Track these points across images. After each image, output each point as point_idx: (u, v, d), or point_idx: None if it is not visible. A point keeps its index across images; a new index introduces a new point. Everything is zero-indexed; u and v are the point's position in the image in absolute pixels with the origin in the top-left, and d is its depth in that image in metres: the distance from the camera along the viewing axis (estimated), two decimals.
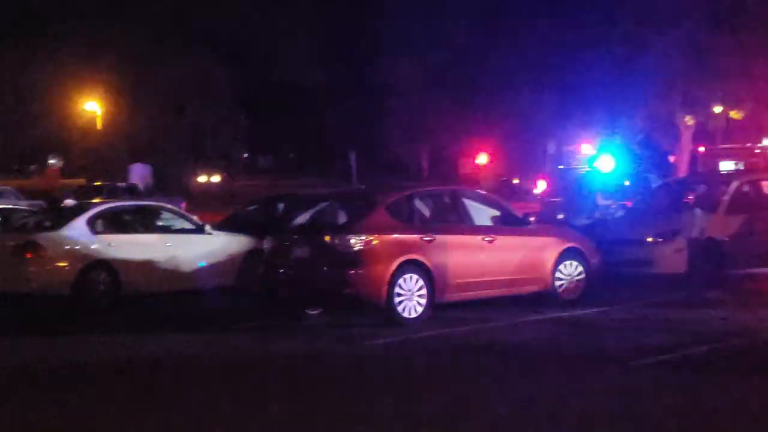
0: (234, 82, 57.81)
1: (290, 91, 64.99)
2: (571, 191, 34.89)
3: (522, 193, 51.79)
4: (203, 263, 17.01)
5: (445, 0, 60.11)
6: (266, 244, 14.73)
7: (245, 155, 64.75)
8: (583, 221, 32.68)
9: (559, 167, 48.23)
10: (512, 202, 46.92)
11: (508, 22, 57.07)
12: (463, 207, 14.76)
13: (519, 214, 15.56)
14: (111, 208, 17.46)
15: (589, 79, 52.09)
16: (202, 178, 61.33)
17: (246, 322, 14.39)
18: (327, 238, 13.64)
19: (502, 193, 55.23)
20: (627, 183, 35.71)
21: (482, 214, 14.94)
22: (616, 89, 51.34)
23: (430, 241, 13.94)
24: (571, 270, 15.24)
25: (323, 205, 14.76)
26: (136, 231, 16.91)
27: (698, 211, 16.50)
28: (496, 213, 15.10)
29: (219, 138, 56.44)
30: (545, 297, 15.01)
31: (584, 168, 40.22)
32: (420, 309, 13.67)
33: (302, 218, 14.60)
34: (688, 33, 49.83)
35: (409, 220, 14.19)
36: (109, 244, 16.27)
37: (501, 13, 57.22)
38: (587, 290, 15.40)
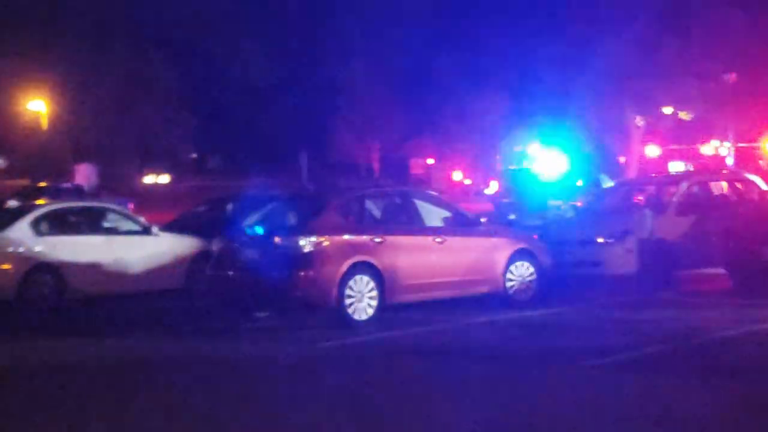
0: (182, 82, 57.27)
1: (239, 91, 64.53)
2: (522, 191, 35.07)
3: (473, 194, 51.91)
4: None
5: (395, 1, 60.11)
6: (215, 246, 14.53)
7: (194, 155, 64.14)
8: (534, 222, 32.90)
9: (510, 168, 48.51)
10: (464, 202, 47.16)
11: (459, 23, 57.21)
12: (414, 208, 14.66)
13: (470, 214, 15.46)
14: (56, 209, 17.12)
15: (539, 80, 52.40)
16: (149, 179, 60.69)
17: (193, 325, 14.18)
18: (276, 240, 13.47)
19: (453, 194, 55.42)
20: (579, 183, 35.99)
21: (433, 215, 14.85)
22: (566, 90, 51.65)
23: (380, 243, 13.81)
24: (523, 271, 15.19)
25: (273, 206, 14.58)
26: (81, 233, 16.61)
27: (648, 211, 16.54)
28: (447, 214, 15.02)
29: (166, 138, 55.82)
30: (496, 298, 14.95)
31: (535, 169, 40.51)
32: (371, 311, 13.55)
33: (252, 219, 14.39)
34: (638, 34, 50.26)
35: (359, 221, 14.08)
36: (54, 246, 15.96)
37: (452, 14, 57.36)
38: (538, 291, 15.37)
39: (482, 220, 15.43)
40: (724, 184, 18.72)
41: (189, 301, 16.20)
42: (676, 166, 55.86)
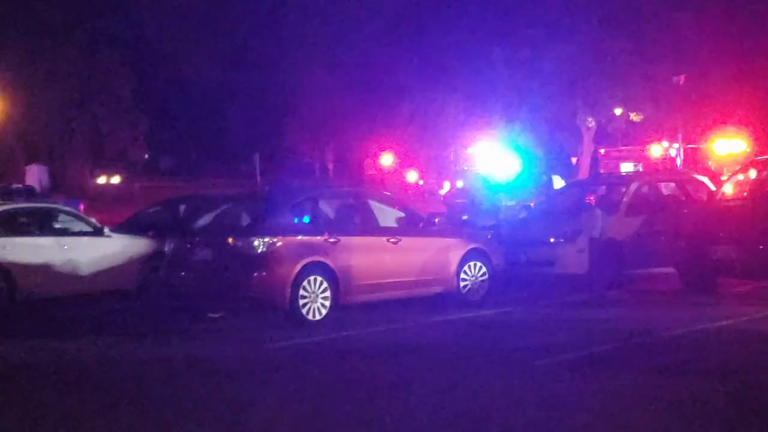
0: (135, 82, 56.86)
1: (193, 91, 64.26)
2: (475, 192, 35.21)
3: (427, 194, 52.04)
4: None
5: (349, 2, 60.16)
6: (168, 247, 14.46)
7: (146, 156, 63.68)
8: (487, 222, 33.07)
9: (464, 168, 48.68)
10: (417, 203, 47.23)
11: (412, 24, 57.34)
12: (368, 208, 14.71)
13: (424, 215, 15.54)
14: (6, 210, 16.90)
15: (492, 81, 52.69)
16: (101, 180, 60.16)
17: (145, 326, 14.10)
18: (230, 240, 13.45)
19: (406, 194, 55.52)
20: (531, 184, 36.18)
21: (387, 216, 14.91)
22: (519, 91, 51.99)
23: (334, 243, 13.84)
24: (475, 271, 15.31)
25: (226, 206, 14.55)
26: (32, 233, 16.42)
27: (599, 212, 16.72)
28: (401, 214, 15.09)
29: (118, 139, 55.39)
30: (450, 297, 15.04)
31: (488, 169, 40.62)
32: (324, 311, 13.58)
33: (205, 220, 14.37)
34: (589, 36, 50.75)
35: (313, 222, 14.10)
36: (4, 247, 15.75)
37: (405, 15, 57.47)
38: (491, 291, 15.52)
39: (436, 220, 15.47)
40: (673, 185, 18.97)
41: (141, 303, 16.11)
42: (626, 167, 56.43)
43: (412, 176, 59.12)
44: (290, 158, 65.56)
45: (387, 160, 62.62)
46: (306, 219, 14.02)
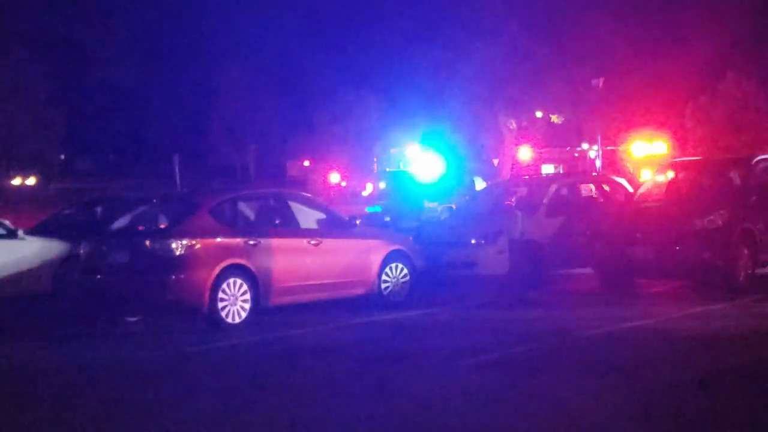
0: (50, 81, 55.77)
1: (110, 90, 63.30)
2: (398, 194, 35.27)
3: (350, 196, 51.94)
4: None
5: (271, 2, 59.85)
6: (83, 249, 14.16)
7: (62, 156, 62.48)
8: (410, 224, 33.15)
9: (387, 170, 48.73)
10: (340, 204, 47.13)
11: (333, 25, 57.27)
12: (289, 210, 14.60)
13: (345, 216, 15.46)
14: None
15: (414, 82, 52.84)
16: (15, 181, 58.86)
17: (60, 330, 13.80)
18: (147, 243, 13.22)
19: (329, 196, 55.37)
20: (453, 185, 36.34)
21: (308, 217, 14.81)
22: (441, 92, 52.22)
23: (254, 245, 13.70)
24: (397, 272, 15.31)
25: (143, 208, 14.31)
26: None
27: (519, 213, 16.82)
28: (322, 216, 15.01)
29: (33, 139, 54.20)
30: (372, 299, 15.00)
31: (410, 170, 40.71)
32: (244, 314, 13.43)
33: (122, 222, 14.10)
34: (510, 38, 51.17)
35: (233, 224, 13.92)
36: None
37: (326, 16, 57.38)
38: (413, 292, 15.54)
39: (357, 222, 15.40)
40: (592, 186, 19.18)
41: (56, 306, 15.74)
42: (547, 169, 57.09)
43: (334, 177, 58.95)
44: (211, 159, 65.00)
45: (308, 161, 62.41)
46: (225, 221, 13.83)
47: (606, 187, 19.05)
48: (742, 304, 14.07)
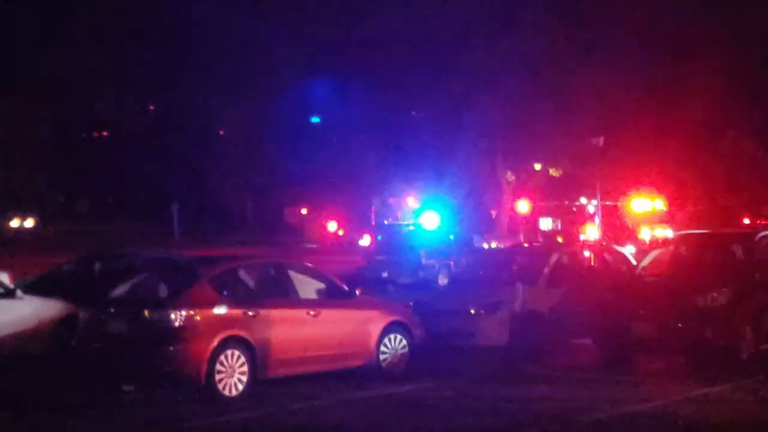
0: (52, 124, 55.90)
1: (111, 134, 63.48)
2: (395, 248, 35.24)
3: (347, 246, 51.86)
4: None
5: (270, 48, 60.09)
6: (82, 316, 14.07)
7: (62, 199, 62.49)
8: (407, 280, 33.11)
9: (385, 222, 48.66)
10: (337, 254, 46.94)
11: (334, 75, 57.46)
12: (288, 279, 14.48)
13: (344, 286, 15.32)
14: None
15: (414, 134, 53.00)
16: (14, 223, 58.79)
17: (55, 397, 13.62)
18: (146, 313, 13.11)
19: (326, 244, 55.27)
20: (451, 242, 36.32)
21: (307, 286, 14.70)
22: (440, 145, 52.34)
23: (253, 316, 13.58)
24: (396, 344, 15.18)
25: (143, 276, 14.21)
26: None
27: (519, 285, 16.73)
28: (321, 285, 14.89)
29: (34, 182, 54.25)
30: (370, 371, 14.84)
31: (409, 224, 40.76)
32: (241, 386, 13.28)
33: (121, 289, 13.99)
34: (511, 92, 51.37)
35: (232, 294, 13.80)
36: None
37: (327, 67, 57.58)
38: (412, 363, 15.36)
39: (357, 292, 15.26)
40: (594, 256, 19.07)
41: (52, 370, 15.58)
42: (545, 222, 57.11)
43: (332, 226, 58.94)
44: (209, 204, 64.97)
45: (307, 209, 62.41)
46: (225, 291, 13.71)
47: (608, 257, 18.96)
48: (745, 386, 13.89)
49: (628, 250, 23.93)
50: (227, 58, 59.72)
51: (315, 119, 58.97)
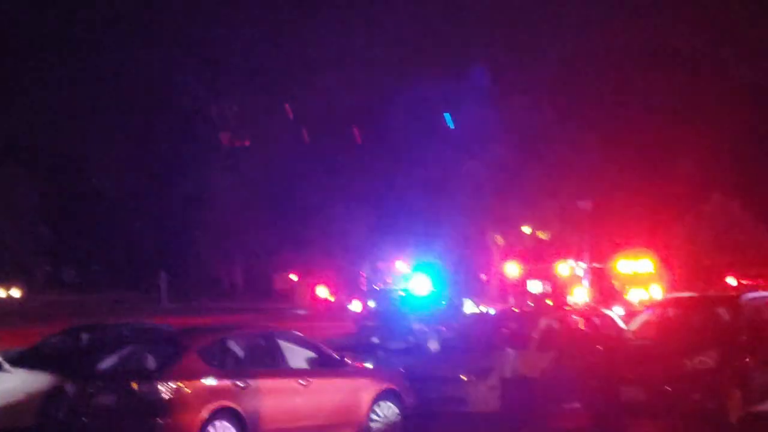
0: (38, 193, 55.96)
1: (97, 203, 63.48)
2: (386, 314, 35.14)
3: (337, 311, 51.70)
4: None
5: (259, 111, 60.56)
6: (69, 388, 13.99)
7: (47, 267, 62.28)
8: (398, 345, 32.96)
9: (375, 287, 48.51)
10: (327, 320, 46.79)
11: (321, 140, 57.87)
12: (278, 349, 14.47)
13: (335, 354, 15.30)
14: None
15: (403, 199, 53.24)
16: (0, 293, 58.51)
17: None
18: (134, 385, 13.06)
19: (316, 310, 55.08)
20: (442, 306, 36.27)
21: (297, 356, 14.68)
22: (429, 209, 52.57)
23: (243, 387, 13.54)
24: (387, 411, 15.14)
25: (130, 347, 14.18)
26: None
27: (510, 350, 16.73)
28: (312, 354, 14.87)
29: (21, 250, 54.09)
30: None
31: (399, 289, 40.68)
32: None
33: (109, 361, 13.95)
34: (499, 157, 51.81)
35: (221, 365, 13.78)
36: None
37: (314, 131, 58.00)
38: (404, 431, 15.30)
39: (347, 360, 15.25)
40: (582, 320, 19.10)
41: None
42: (534, 285, 57.07)
43: (322, 292, 58.77)
44: (198, 272, 64.78)
45: (296, 275, 62.24)
46: (214, 362, 13.68)
47: (596, 321, 19.01)
48: None
49: (616, 313, 24.00)
50: (213, 125, 60.10)
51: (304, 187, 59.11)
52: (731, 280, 47.30)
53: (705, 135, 48.99)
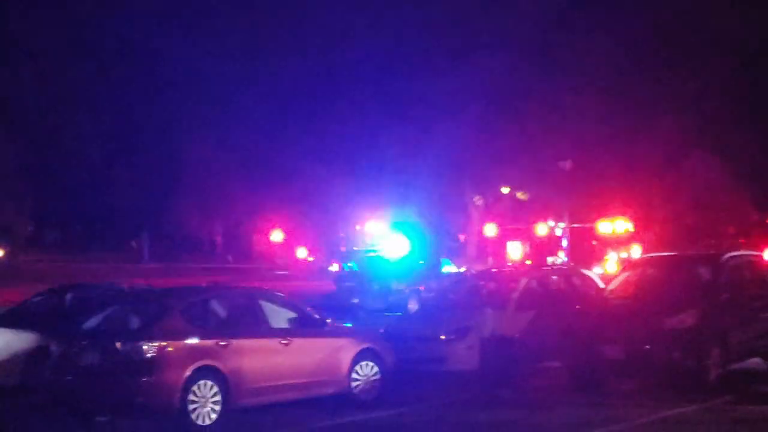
0: (20, 153, 55.64)
1: (80, 164, 63.10)
2: (365, 275, 35.37)
3: (317, 272, 51.94)
4: None
5: (238, 77, 60.18)
6: (53, 348, 14.05)
7: (30, 229, 62.10)
8: (377, 306, 33.22)
9: (354, 248, 48.75)
10: (307, 280, 46.90)
11: (301, 102, 57.64)
12: (260, 309, 14.55)
13: (316, 315, 15.42)
14: None
15: (382, 159, 53.24)
16: None
17: (29, 429, 13.60)
18: (118, 345, 13.14)
19: (296, 271, 55.31)
20: (420, 267, 36.49)
21: (279, 316, 14.77)
22: (408, 170, 52.61)
23: (225, 346, 13.64)
24: (367, 371, 15.27)
25: (115, 308, 14.24)
26: None
27: (489, 310, 16.86)
28: (293, 314, 14.97)
29: (3, 212, 53.90)
30: (342, 398, 14.93)
31: (378, 250, 40.92)
32: (214, 416, 13.33)
33: (93, 321, 14.02)
34: (477, 117, 51.78)
35: (204, 324, 13.87)
36: None
37: (294, 93, 57.73)
38: (383, 389, 15.46)
39: (328, 320, 15.36)
40: (562, 280, 19.25)
41: (24, 402, 15.56)
42: (513, 245, 57.41)
43: (301, 253, 58.95)
44: (179, 232, 64.76)
45: (276, 235, 62.38)
46: (197, 321, 13.77)
47: (576, 281, 19.15)
48: (714, 406, 14.10)
49: (596, 273, 24.20)
50: (196, 87, 59.71)
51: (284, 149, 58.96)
52: (710, 239, 47.67)
53: (685, 92, 49.04)
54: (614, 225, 52.55)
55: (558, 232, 55.49)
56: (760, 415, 13.65)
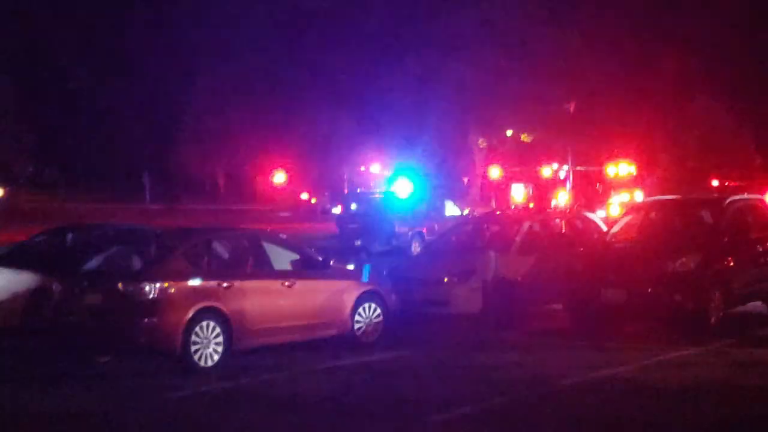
0: (20, 93, 55.37)
1: (80, 103, 62.89)
2: (369, 217, 35.32)
3: (320, 214, 51.89)
4: None
5: (241, 15, 59.74)
6: (55, 288, 14.07)
7: (31, 168, 61.95)
8: (380, 248, 33.22)
9: (357, 190, 48.63)
10: (310, 222, 46.84)
11: (306, 43, 57.27)
12: (263, 251, 14.53)
13: (319, 256, 15.39)
14: None
15: (385, 101, 52.98)
16: None
17: (31, 370, 13.64)
18: (120, 286, 13.12)
19: (299, 212, 55.25)
20: (423, 209, 36.41)
21: (282, 258, 14.76)
22: (412, 112, 52.40)
23: (228, 287, 13.63)
24: (370, 313, 15.29)
25: (116, 248, 14.21)
26: None
27: (492, 253, 16.82)
28: (296, 256, 14.95)
29: (3, 151, 53.77)
30: (345, 340, 14.97)
31: (381, 192, 40.79)
32: (217, 357, 13.36)
33: (95, 262, 14.00)
34: (482, 58, 51.43)
35: (206, 266, 13.84)
36: None
37: (299, 33, 57.36)
38: (386, 332, 15.49)
39: (331, 262, 15.33)
40: (565, 223, 19.21)
41: (25, 342, 15.60)
42: (517, 188, 57.28)
43: (304, 194, 58.82)
44: (180, 173, 64.63)
45: (279, 177, 62.24)
46: (199, 263, 13.75)
47: (579, 224, 19.11)
48: (714, 349, 14.15)
49: (599, 216, 24.15)
50: (198, 25, 59.26)
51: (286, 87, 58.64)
52: (715, 183, 47.58)
53: (689, 36, 48.66)
54: (618, 168, 52.41)
55: (562, 175, 55.35)
56: (760, 358, 13.71)
